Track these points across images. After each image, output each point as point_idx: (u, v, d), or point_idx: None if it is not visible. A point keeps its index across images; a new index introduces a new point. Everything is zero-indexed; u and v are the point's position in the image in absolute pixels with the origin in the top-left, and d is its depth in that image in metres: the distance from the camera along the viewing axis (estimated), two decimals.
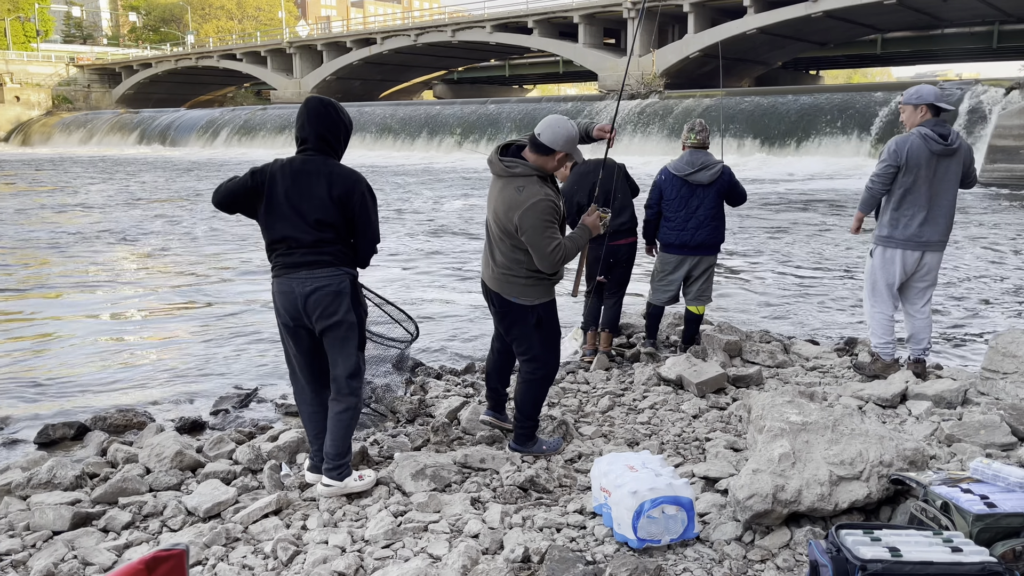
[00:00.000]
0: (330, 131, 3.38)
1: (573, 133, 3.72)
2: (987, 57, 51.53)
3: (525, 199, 3.64)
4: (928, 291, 5.10)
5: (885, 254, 5.03)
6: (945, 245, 5.00)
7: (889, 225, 4.97)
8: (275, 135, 45.25)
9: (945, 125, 4.85)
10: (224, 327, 7.32)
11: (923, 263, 4.97)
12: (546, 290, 3.88)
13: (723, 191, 5.48)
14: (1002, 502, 2.73)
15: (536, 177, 3.71)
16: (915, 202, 4.85)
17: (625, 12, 41.14)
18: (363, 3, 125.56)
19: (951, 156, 4.80)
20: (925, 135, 4.77)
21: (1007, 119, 21.50)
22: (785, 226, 14.02)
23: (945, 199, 4.86)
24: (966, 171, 4.92)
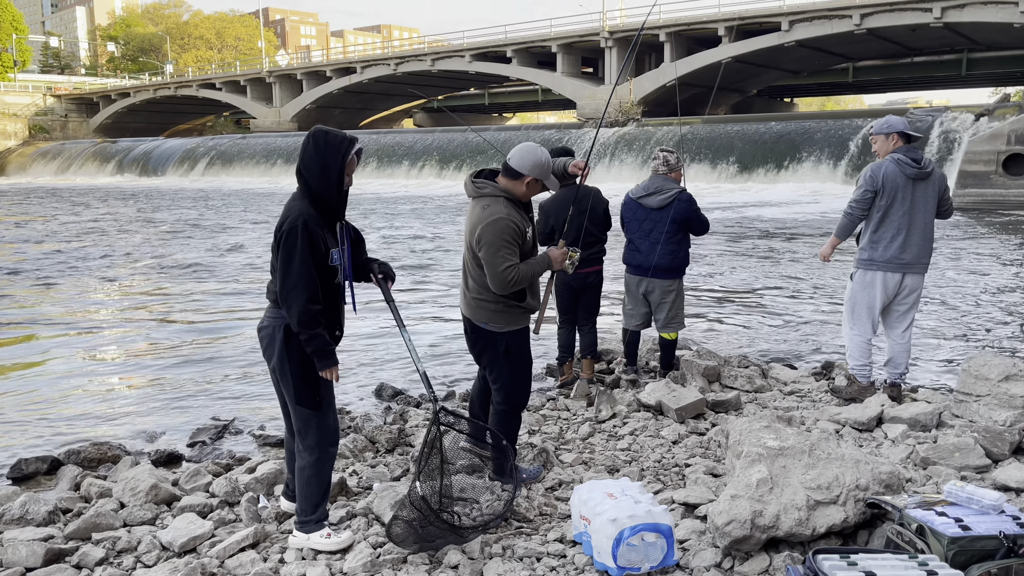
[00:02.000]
0: (302, 163, 3.22)
1: (542, 159, 3.73)
2: (957, 84, 52.73)
3: (487, 216, 3.67)
4: (909, 315, 5.17)
5: (865, 277, 5.12)
6: (926, 268, 5.10)
7: (869, 248, 5.08)
8: (255, 164, 45.20)
9: (917, 151, 5.01)
10: (201, 358, 7.26)
11: (904, 285, 5.06)
12: (516, 318, 3.85)
13: (679, 217, 5.47)
14: (976, 524, 2.76)
15: (504, 199, 3.72)
16: (893, 225, 4.97)
17: (602, 41, 41.71)
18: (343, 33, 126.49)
19: (925, 180, 4.95)
20: (899, 160, 4.91)
21: (977, 145, 21.94)
22: (762, 251, 14.17)
23: (922, 222, 4.98)
24: (941, 198, 5.03)
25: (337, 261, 3.27)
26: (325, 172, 3.17)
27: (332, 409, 3.39)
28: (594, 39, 42.25)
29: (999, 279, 10.84)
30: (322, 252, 3.18)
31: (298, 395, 3.27)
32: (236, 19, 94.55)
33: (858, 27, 33.70)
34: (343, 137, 3.21)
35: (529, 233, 3.81)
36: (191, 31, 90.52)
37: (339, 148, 3.19)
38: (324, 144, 3.18)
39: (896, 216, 4.95)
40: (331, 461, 3.40)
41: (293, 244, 3.12)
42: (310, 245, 3.13)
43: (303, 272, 3.11)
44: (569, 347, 5.83)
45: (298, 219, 3.13)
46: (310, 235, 3.13)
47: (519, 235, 3.69)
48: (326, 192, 3.18)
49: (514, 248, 3.67)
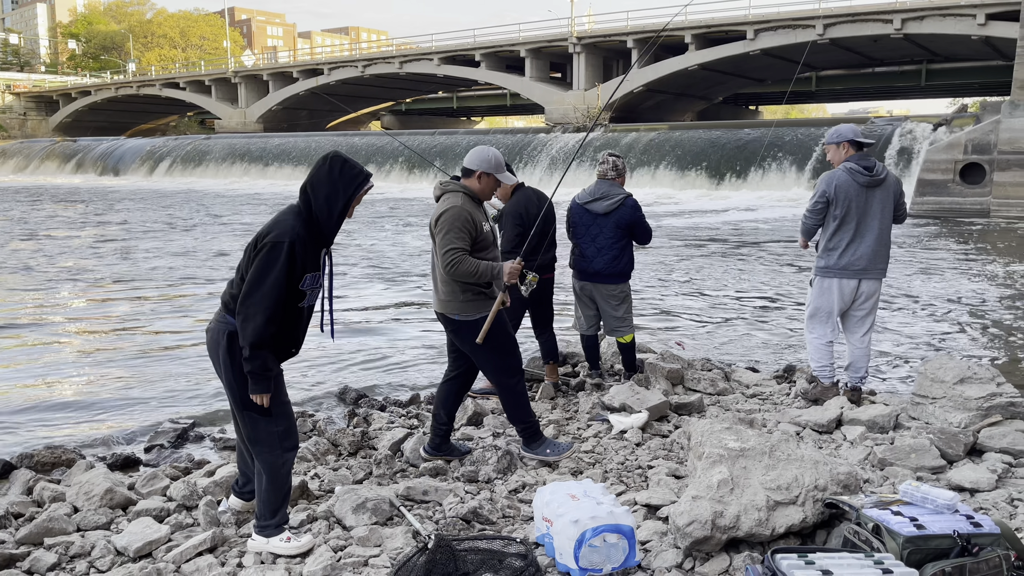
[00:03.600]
0: (309, 182, 3.16)
1: (489, 155, 4.09)
2: (916, 95, 53.96)
3: (443, 206, 4.05)
4: (867, 320, 5.24)
5: (823, 284, 5.21)
6: (883, 273, 5.17)
7: (825, 256, 5.16)
8: (219, 165, 44.60)
9: (869, 158, 5.08)
10: (159, 361, 7.14)
11: (860, 291, 5.14)
12: (484, 304, 4.09)
13: (623, 223, 5.47)
14: (931, 524, 2.81)
15: (462, 194, 4.07)
16: (847, 233, 5.05)
17: (570, 47, 41.92)
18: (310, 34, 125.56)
19: (878, 186, 5.02)
20: (850, 168, 5.00)
21: (935, 154, 22.41)
22: (726, 256, 14.32)
23: (876, 228, 5.04)
24: (896, 203, 5.12)
25: (308, 286, 3.19)
26: (332, 199, 3.13)
27: (285, 412, 3.31)
28: (562, 44, 42.46)
29: (955, 285, 11.08)
30: (298, 275, 3.12)
31: (244, 400, 3.21)
32: (201, 18, 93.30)
33: (821, 37, 34.28)
34: (360, 170, 3.19)
35: (486, 227, 4.09)
36: (155, 29, 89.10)
37: (353, 180, 3.16)
38: (340, 172, 3.15)
39: (850, 224, 5.03)
40: (287, 466, 3.33)
41: (273, 260, 3.05)
42: (289, 267, 3.07)
43: (271, 292, 3.05)
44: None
45: (286, 236, 3.06)
46: (292, 257, 3.07)
47: (471, 224, 3.98)
48: (326, 219, 3.15)
49: (464, 235, 3.95)
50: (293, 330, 3.25)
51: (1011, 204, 20.65)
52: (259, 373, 3.11)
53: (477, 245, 4.03)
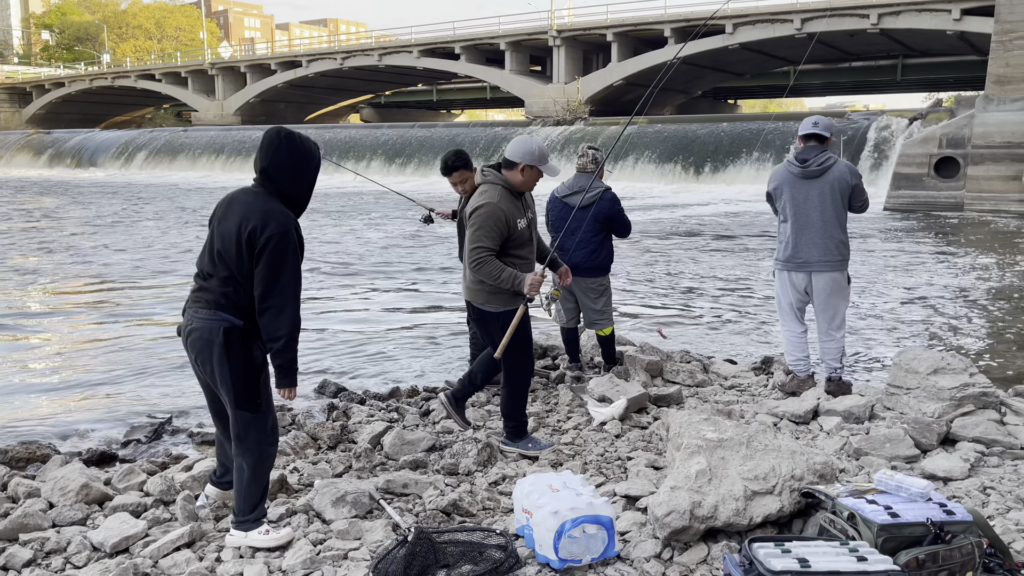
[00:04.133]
0: (272, 164, 3.10)
1: (533, 147, 4.07)
2: (892, 89, 54.44)
3: (479, 201, 4.05)
4: (828, 312, 5.15)
5: (779, 276, 5.28)
6: (834, 267, 5.05)
7: (777, 248, 5.25)
8: (196, 158, 44.14)
9: (812, 150, 5.01)
10: (135, 355, 7.07)
11: (812, 285, 5.12)
12: (510, 299, 4.14)
13: (601, 217, 5.49)
14: (905, 512, 2.85)
15: (500, 187, 4.07)
16: (788, 225, 5.10)
17: (550, 40, 41.87)
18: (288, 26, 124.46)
19: (815, 178, 4.97)
20: (787, 162, 5.08)
21: (910, 148, 22.66)
22: (705, 249, 14.41)
23: (819, 220, 4.98)
24: (852, 193, 5.04)
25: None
26: (303, 177, 3.14)
27: (271, 409, 3.32)
28: (542, 37, 42.39)
29: (930, 278, 11.22)
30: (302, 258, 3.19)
31: (238, 399, 3.17)
32: (177, 9, 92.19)
33: (799, 31, 34.47)
34: (314, 144, 3.20)
35: (522, 224, 4.10)
36: (129, 20, 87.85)
37: (314, 155, 3.17)
38: (301, 149, 3.13)
39: (789, 216, 5.07)
40: (270, 461, 3.33)
41: (284, 251, 3.05)
42: (298, 252, 3.12)
43: (293, 280, 3.08)
44: None
45: (286, 225, 3.06)
46: (297, 241, 3.10)
47: (504, 224, 4.00)
48: (300, 197, 3.16)
49: (494, 235, 3.99)
50: None
51: (984, 197, 20.93)
52: (292, 365, 3.17)
53: (512, 243, 4.09)
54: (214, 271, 3.15)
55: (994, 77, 21.26)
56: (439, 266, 12.14)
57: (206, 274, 3.19)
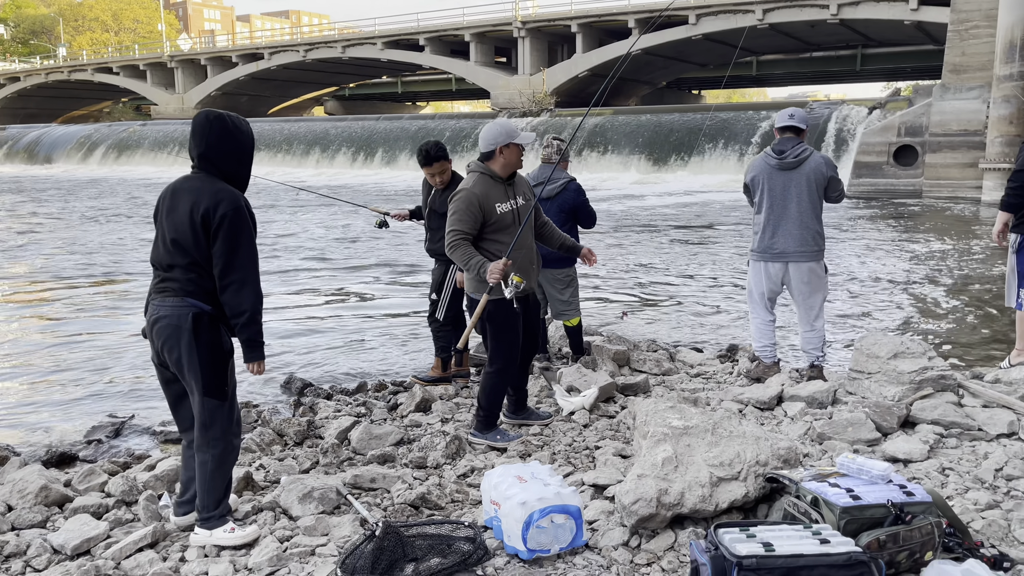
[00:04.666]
0: (210, 148, 3.10)
1: (499, 128, 4.16)
2: (852, 79, 55.22)
3: (460, 186, 4.22)
4: (808, 303, 5.23)
5: (754, 266, 5.33)
6: (812, 256, 5.14)
7: (753, 239, 5.29)
8: (156, 152, 43.37)
9: (788, 142, 5.08)
10: (95, 353, 6.94)
11: (789, 275, 5.19)
12: (496, 288, 4.14)
13: (566, 207, 5.50)
14: (866, 494, 2.89)
15: (478, 174, 4.19)
16: (764, 216, 5.15)
17: (515, 31, 41.77)
18: (249, 17, 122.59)
19: (791, 170, 5.04)
20: (765, 153, 5.13)
21: (870, 137, 23.02)
22: (671, 239, 14.51)
23: (795, 211, 5.05)
24: (828, 185, 5.14)
25: None
26: (243, 157, 3.17)
27: (235, 397, 3.30)
28: (507, 29, 42.26)
29: (890, 264, 11.42)
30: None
31: (207, 386, 3.15)
32: (134, 1, 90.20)
33: (761, 22, 34.78)
34: (245, 121, 3.22)
35: (504, 208, 4.16)
36: (86, 12, 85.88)
37: (249, 132, 3.19)
38: (235, 128, 3.14)
39: (765, 207, 5.12)
40: (235, 453, 3.32)
41: (240, 228, 3.06)
42: (253, 228, 3.12)
43: (250, 256, 3.09)
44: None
45: (237, 200, 3.08)
46: (252, 217, 3.12)
47: (478, 208, 4.10)
48: (240, 178, 3.17)
49: (467, 219, 4.09)
50: None
51: (942, 185, 21.34)
52: (258, 339, 3.17)
53: (491, 227, 4.16)
54: (174, 261, 3.11)
55: (950, 66, 21.66)
56: (404, 262, 12.08)
57: (166, 266, 3.14)
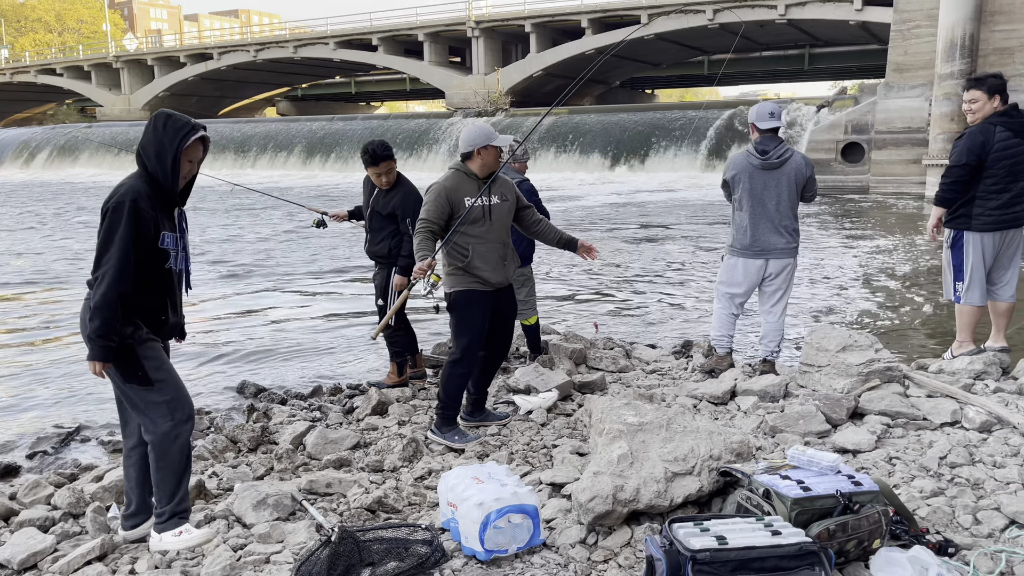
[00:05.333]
0: (141, 145, 3.15)
1: (477, 131, 4.30)
2: (800, 78, 56.26)
3: (435, 181, 4.37)
4: (776, 295, 5.36)
5: (729, 261, 5.40)
6: (790, 252, 5.27)
7: (731, 234, 5.37)
8: (102, 154, 42.30)
9: (771, 141, 5.18)
10: (41, 359, 6.75)
11: (768, 270, 5.30)
12: (458, 280, 4.35)
13: None
14: (816, 485, 2.95)
15: (454, 171, 4.35)
16: (746, 213, 5.22)
17: (469, 31, 41.71)
18: (197, 17, 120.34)
19: (774, 169, 5.15)
20: (748, 152, 5.19)
21: (818, 134, 23.51)
22: (626, 237, 14.63)
23: (774, 209, 5.17)
24: (806, 185, 5.24)
25: (170, 245, 3.16)
26: (162, 155, 3.09)
27: (170, 381, 3.19)
28: (461, 28, 42.17)
29: (838, 259, 11.67)
30: (150, 234, 3.07)
31: (123, 373, 3.12)
32: (78, 0, 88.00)
33: (711, 22, 35.25)
34: (185, 122, 3.12)
35: (475, 203, 4.27)
36: (28, 13, 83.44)
37: (178, 132, 3.09)
38: (163, 127, 3.10)
39: (746, 204, 5.20)
40: (181, 439, 3.19)
41: (116, 221, 3.01)
42: (135, 223, 3.01)
43: (120, 252, 2.99)
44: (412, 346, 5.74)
45: (127, 195, 3.03)
46: (138, 214, 3.02)
47: (445, 200, 4.24)
48: (162, 176, 3.10)
49: (432, 209, 4.24)
50: (163, 295, 3.20)
51: (887, 180, 21.89)
52: (97, 336, 3.00)
53: (460, 219, 4.25)
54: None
55: (894, 65, 22.21)
56: (355, 264, 11.98)
57: None
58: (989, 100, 5.07)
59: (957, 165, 5.14)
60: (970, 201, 5.16)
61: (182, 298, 3.35)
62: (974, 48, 19.39)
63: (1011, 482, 3.45)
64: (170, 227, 3.16)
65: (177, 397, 3.20)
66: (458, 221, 4.26)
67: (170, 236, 3.15)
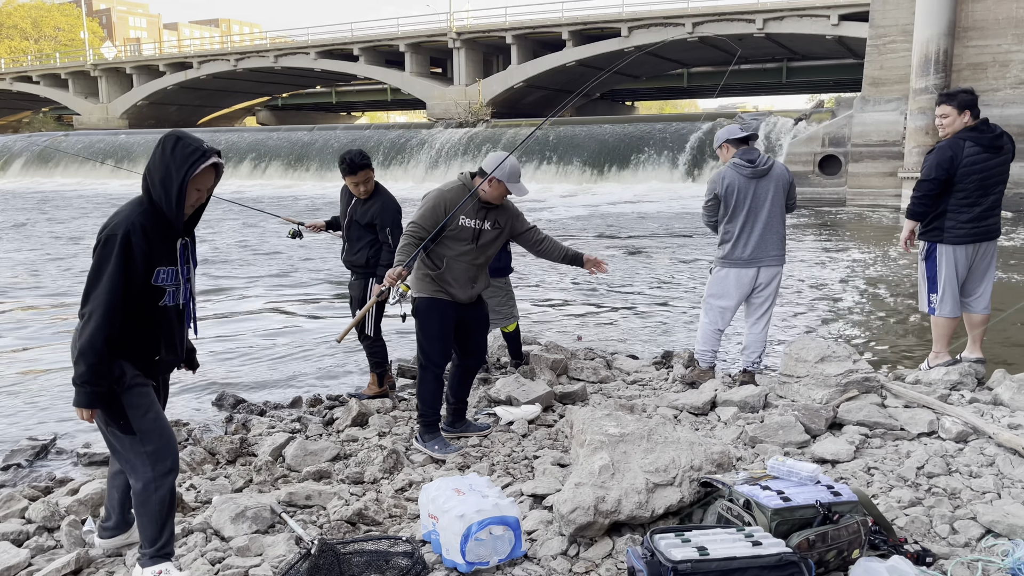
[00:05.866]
0: (148, 168, 2.87)
1: (505, 164, 4.22)
2: (778, 91, 56.94)
3: (434, 189, 4.39)
4: (765, 306, 5.43)
5: (720, 272, 5.44)
6: (780, 260, 5.36)
7: (721, 247, 5.40)
8: (79, 164, 41.87)
9: (752, 151, 5.27)
10: (16, 370, 6.65)
11: (759, 280, 5.35)
12: (425, 287, 4.38)
13: None
14: (796, 496, 2.97)
15: (459, 184, 4.34)
16: (737, 224, 5.27)
17: (450, 42, 41.83)
18: (177, 26, 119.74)
19: (763, 177, 5.22)
20: (735, 164, 5.24)
21: (796, 147, 23.74)
22: (606, 247, 14.69)
23: (766, 217, 5.24)
24: (787, 192, 5.33)
25: (166, 281, 2.90)
26: (167, 182, 2.82)
27: (154, 431, 2.92)
28: (442, 39, 42.29)
29: (817, 271, 11.78)
30: (141, 270, 2.80)
31: (105, 417, 2.89)
32: (55, 7, 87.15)
33: (691, 35, 35.63)
34: (196, 147, 2.84)
35: (468, 223, 4.29)
36: (4, 20, 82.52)
37: (188, 158, 2.83)
38: (172, 151, 2.83)
39: (740, 215, 5.25)
40: (161, 491, 2.92)
41: (106, 256, 2.76)
42: (125, 261, 2.76)
43: (107, 291, 2.74)
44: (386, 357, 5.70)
45: (119, 227, 2.77)
46: (128, 249, 2.76)
47: (441, 211, 4.23)
48: (165, 203, 2.83)
49: (427, 215, 4.23)
50: (155, 333, 2.94)
51: (864, 193, 22.13)
52: (82, 382, 2.77)
53: (449, 234, 4.28)
54: None
55: (870, 79, 22.50)
56: (332, 273, 11.92)
57: None
58: (959, 115, 5.17)
59: (927, 180, 5.23)
60: (942, 214, 5.25)
61: (183, 334, 3.10)
62: (948, 63, 19.70)
63: (987, 492, 3.49)
64: (168, 260, 2.90)
65: (161, 448, 2.93)
66: (444, 233, 4.27)
67: (167, 271, 2.89)
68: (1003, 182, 5.24)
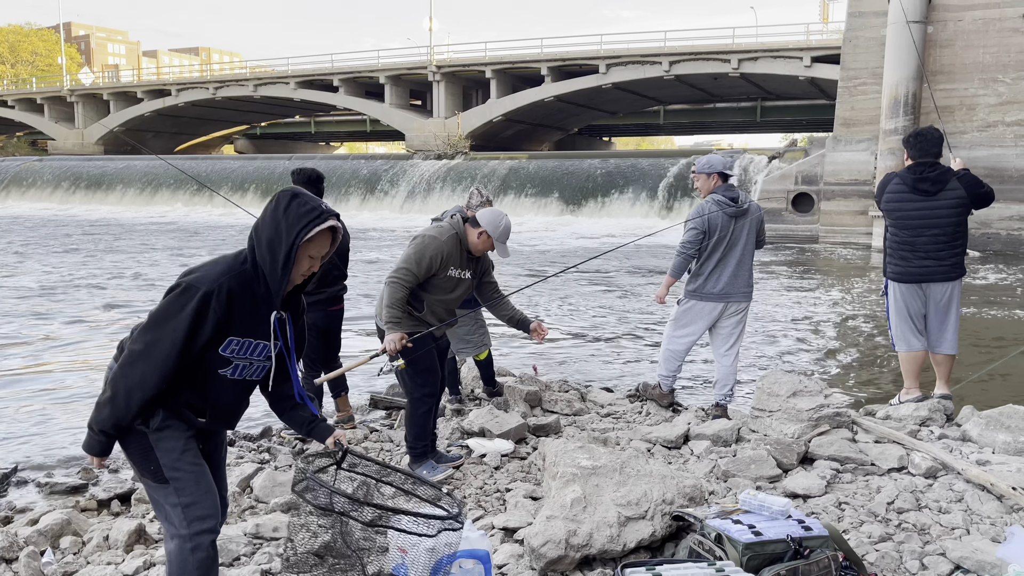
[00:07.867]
0: (256, 224, 2.56)
1: (500, 223, 4.30)
2: (753, 129, 58.03)
3: (426, 232, 4.36)
4: (731, 339, 5.56)
5: (686, 304, 5.53)
6: (748, 296, 5.54)
7: (693, 281, 5.50)
8: (52, 189, 41.46)
9: (734, 189, 5.47)
10: None
11: (727, 312, 5.49)
12: (410, 324, 4.34)
13: None
14: (767, 530, 2.97)
15: (454, 233, 4.32)
16: (713, 260, 5.40)
17: (430, 75, 42.20)
18: (156, 53, 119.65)
19: (743, 216, 5.39)
20: (719, 201, 5.33)
21: (770, 184, 24.12)
22: (580, 282, 14.74)
23: (740, 254, 5.41)
24: (758, 230, 5.51)
25: (234, 354, 2.54)
26: (274, 245, 2.47)
27: (189, 481, 2.55)
28: (422, 72, 42.66)
29: (787, 307, 11.90)
30: (209, 335, 2.46)
31: (134, 463, 2.57)
32: (33, 33, 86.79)
33: (667, 73, 36.26)
34: (313, 206, 2.49)
35: (455, 273, 4.34)
36: None
37: (301, 218, 2.47)
38: (286, 208, 2.48)
39: (717, 252, 5.38)
40: (200, 552, 2.55)
41: (179, 305, 2.42)
42: (196, 320, 2.42)
43: (164, 348, 2.41)
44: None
45: (204, 283, 2.43)
46: (203, 311, 2.42)
47: (437, 261, 4.24)
48: (269, 268, 2.47)
49: (420, 265, 4.22)
50: (205, 395, 2.58)
51: (836, 231, 22.49)
52: (98, 428, 2.47)
53: (435, 283, 4.32)
54: None
55: (841, 120, 22.99)
56: None
57: None
58: (906, 154, 5.32)
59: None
60: (890, 250, 5.39)
61: (242, 407, 2.76)
62: (917, 106, 20.19)
63: (956, 527, 3.51)
64: (244, 331, 2.52)
65: (198, 501, 2.55)
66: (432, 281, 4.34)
67: (240, 343, 2.53)
68: (936, 226, 5.17)
